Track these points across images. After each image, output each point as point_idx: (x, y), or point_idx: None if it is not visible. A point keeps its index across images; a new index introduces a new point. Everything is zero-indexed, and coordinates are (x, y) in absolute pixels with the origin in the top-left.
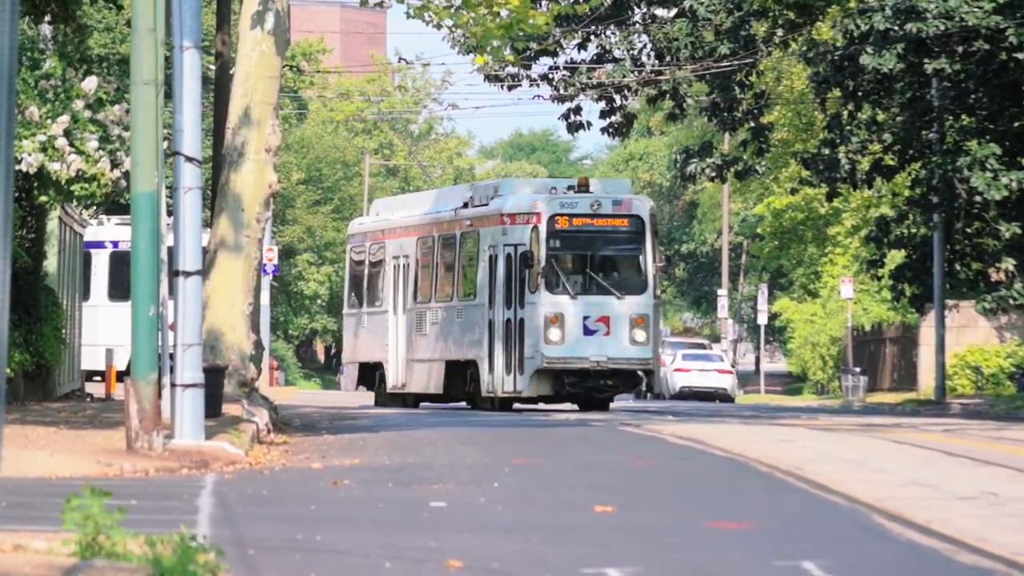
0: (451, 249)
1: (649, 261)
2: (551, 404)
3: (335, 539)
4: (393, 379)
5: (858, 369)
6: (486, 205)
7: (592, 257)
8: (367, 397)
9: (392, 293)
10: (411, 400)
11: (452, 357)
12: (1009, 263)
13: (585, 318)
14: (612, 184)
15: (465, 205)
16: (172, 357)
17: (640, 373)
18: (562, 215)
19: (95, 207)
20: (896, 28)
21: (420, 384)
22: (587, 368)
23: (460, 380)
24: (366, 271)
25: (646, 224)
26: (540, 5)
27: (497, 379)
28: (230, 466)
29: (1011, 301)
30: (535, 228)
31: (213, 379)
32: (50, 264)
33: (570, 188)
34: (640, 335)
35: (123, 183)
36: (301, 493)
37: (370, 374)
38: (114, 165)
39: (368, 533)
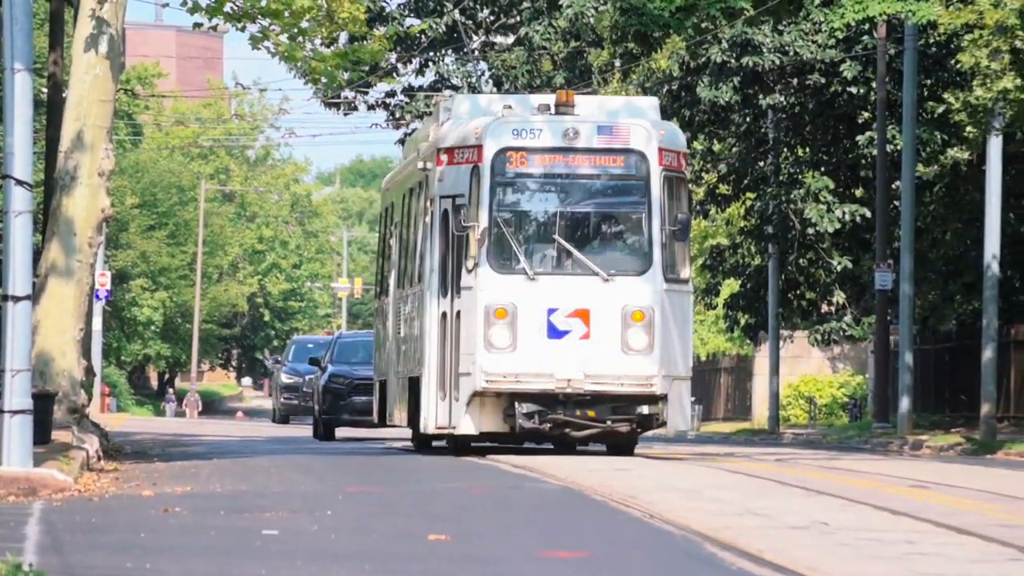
0: (413, 207)
1: (655, 222)
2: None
3: (165, 567)
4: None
5: (693, 398)
6: (428, 138)
7: (563, 216)
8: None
9: (382, 277)
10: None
11: (410, 373)
12: (840, 296)
13: (551, 311)
14: (624, 106)
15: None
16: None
17: (642, 399)
18: (516, 149)
19: None
20: (733, 60)
21: (389, 413)
22: (552, 391)
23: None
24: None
25: (651, 164)
26: (376, 27)
27: (431, 406)
28: (59, 493)
29: (841, 332)
30: (475, 170)
31: (42, 405)
32: None
33: (543, 108)
34: (638, 339)
35: None
36: (131, 521)
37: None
38: None
39: (199, 561)
